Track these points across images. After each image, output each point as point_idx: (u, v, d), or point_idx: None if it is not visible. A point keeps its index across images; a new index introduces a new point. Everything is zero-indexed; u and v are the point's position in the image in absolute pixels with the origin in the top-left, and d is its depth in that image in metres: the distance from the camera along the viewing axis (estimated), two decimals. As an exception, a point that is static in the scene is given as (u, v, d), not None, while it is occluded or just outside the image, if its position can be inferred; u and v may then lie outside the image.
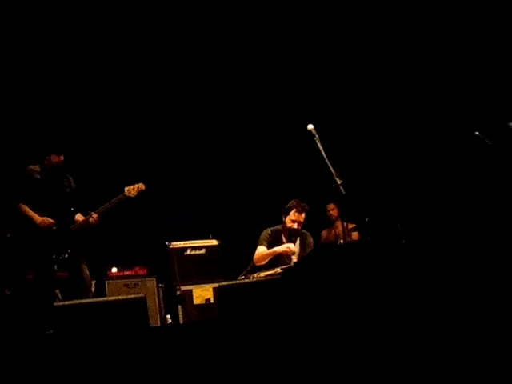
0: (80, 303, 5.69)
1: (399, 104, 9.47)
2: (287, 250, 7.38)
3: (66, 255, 6.86)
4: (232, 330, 4.69)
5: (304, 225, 7.73)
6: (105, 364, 4.41)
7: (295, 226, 7.56)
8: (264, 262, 7.40)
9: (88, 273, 7.05)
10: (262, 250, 7.51)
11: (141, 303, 5.56)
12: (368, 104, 9.62)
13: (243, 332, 4.62)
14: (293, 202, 7.62)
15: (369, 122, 9.60)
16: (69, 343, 4.81)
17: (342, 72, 9.56)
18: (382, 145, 9.56)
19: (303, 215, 7.58)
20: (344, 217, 8.13)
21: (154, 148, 9.45)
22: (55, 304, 5.95)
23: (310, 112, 8.44)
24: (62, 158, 7.07)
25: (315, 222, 8.52)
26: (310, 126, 6.81)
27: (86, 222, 7.01)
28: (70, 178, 7.29)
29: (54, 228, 6.92)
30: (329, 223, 9.58)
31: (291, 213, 7.56)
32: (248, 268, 7.62)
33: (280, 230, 7.68)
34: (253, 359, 4.37)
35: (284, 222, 7.65)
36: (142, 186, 7.21)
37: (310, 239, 7.80)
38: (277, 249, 7.43)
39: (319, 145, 6.73)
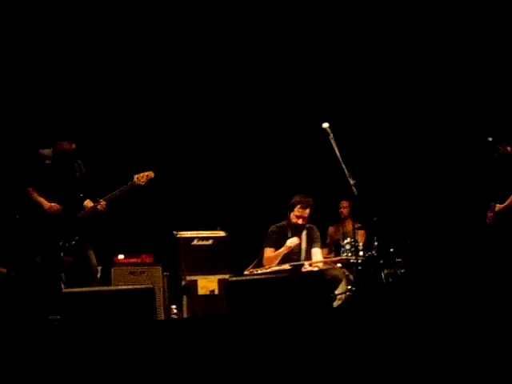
0: (88, 291, 5.71)
1: (411, 108, 9.46)
2: (291, 245, 7.42)
3: (73, 242, 6.85)
4: (241, 326, 4.70)
5: (311, 218, 7.74)
6: (110, 354, 4.41)
7: (300, 221, 7.57)
8: (274, 265, 7.41)
9: (95, 260, 7.05)
10: (269, 253, 7.55)
11: (150, 294, 5.57)
12: (381, 106, 9.61)
13: (252, 328, 4.62)
14: (296, 197, 7.60)
15: (382, 124, 9.60)
16: (75, 331, 4.83)
17: (358, 73, 9.55)
18: (391, 147, 9.56)
19: (307, 211, 7.58)
20: (353, 213, 8.17)
21: (164, 138, 9.43)
22: (64, 291, 5.97)
23: (324, 110, 8.45)
24: (73, 146, 7.02)
25: (323, 216, 8.54)
26: (325, 125, 6.83)
27: (94, 208, 7.00)
28: (80, 162, 7.23)
29: (62, 215, 6.89)
30: (336, 219, 9.58)
31: (295, 209, 7.56)
32: (255, 261, 7.64)
33: (285, 225, 7.68)
34: (260, 356, 4.37)
35: (289, 218, 7.64)
36: (151, 174, 7.21)
37: (317, 233, 7.83)
38: (281, 250, 7.47)
39: (333, 143, 6.75)
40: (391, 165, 9.52)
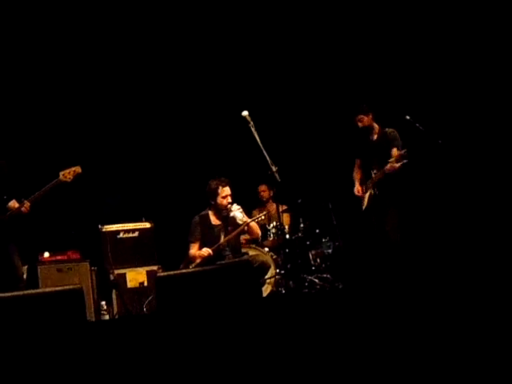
0: (13, 296, 5.55)
1: (328, 87, 9.58)
2: (204, 253, 7.39)
3: None
4: (172, 324, 4.69)
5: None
6: (39, 360, 4.35)
7: (229, 199, 7.53)
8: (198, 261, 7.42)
9: (19, 263, 6.86)
10: (193, 249, 7.52)
11: (78, 294, 5.47)
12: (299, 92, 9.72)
13: (183, 324, 4.62)
14: (213, 182, 7.52)
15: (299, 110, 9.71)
16: (1, 337, 4.74)
17: (276, 59, 9.60)
18: (312, 129, 9.66)
19: (228, 187, 7.52)
20: (277, 199, 8.24)
21: (87, 131, 9.29)
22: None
23: (244, 99, 8.48)
24: None
25: (246, 201, 8.57)
26: (245, 113, 6.82)
27: (18, 210, 6.79)
28: (3, 162, 6.92)
29: None
30: (258, 203, 9.65)
31: (219, 191, 7.51)
32: (185, 258, 7.63)
33: (207, 214, 7.66)
34: (192, 353, 4.38)
35: (216, 204, 7.58)
36: (78, 169, 6.97)
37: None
38: (199, 256, 7.43)
39: (254, 131, 6.76)
40: (312, 147, 9.63)
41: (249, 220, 7.56)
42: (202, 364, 4.28)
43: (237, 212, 7.47)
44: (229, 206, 7.48)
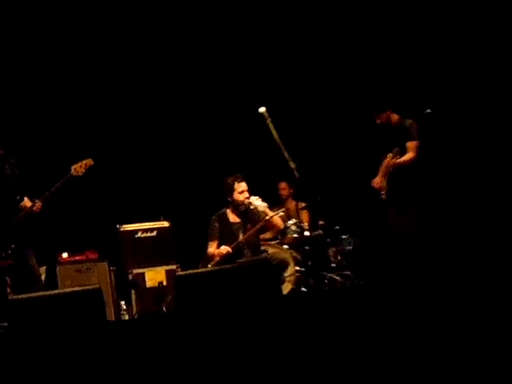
0: (34, 297, 5.57)
1: (347, 85, 9.49)
2: (223, 251, 7.35)
3: (10, 251, 6.55)
4: (191, 323, 4.66)
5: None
6: (59, 360, 4.33)
7: (246, 194, 7.48)
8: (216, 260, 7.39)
9: (36, 264, 6.81)
10: (211, 248, 7.49)
11: (97, 294, 5.46)
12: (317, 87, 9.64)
13: (203, 324, 4.58)
14: (228, 179, 7.48)
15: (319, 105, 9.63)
16: (22, 338, 4.73)
17: (293, 54, 9.53)
18: (332, 125, 9.58)
19: (244, 183, 7.48)
20: (296, 196, 8.18)
21: (100, 129, 9.27)
22: (10, 298, 5.85)
23: (261, 95, 8.41)
24: (1, 152, 6.67)
25: (265, 198, 8.52)
26: (262, 109, 6.77)
27: (29, 211, 6.66)
28: (13, 161, 6.80)
29: None
30: (277, 201, 9.59)
31: (235, 187, 7.47)
32: (204, 257, 7.60)
33: (225, 212, 7.63)
34: (212, 352, 4.35)
35: (233, 201, 7.55)
36: (89, 161, 6.82)
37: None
38: (218, 254, 7.39)
39: (272, 128, 6.70)
40: (331, 143, 9.55)
41: (270, 213, 7.50)
42: (222, 363, 4.24)
43: (256, 201, 7.41)
44: (246, 200, 7.44)
